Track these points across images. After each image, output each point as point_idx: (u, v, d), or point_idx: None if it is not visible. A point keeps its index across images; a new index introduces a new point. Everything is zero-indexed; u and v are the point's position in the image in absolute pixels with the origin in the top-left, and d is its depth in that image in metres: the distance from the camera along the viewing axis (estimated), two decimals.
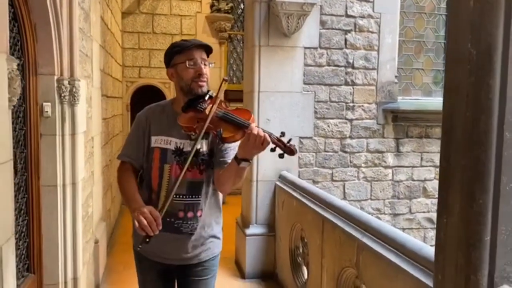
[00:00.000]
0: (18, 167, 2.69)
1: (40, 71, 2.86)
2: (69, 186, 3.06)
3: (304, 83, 4.26)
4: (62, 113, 2.97)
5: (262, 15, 4.07)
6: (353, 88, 4.40)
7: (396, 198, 4.61)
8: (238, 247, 4.51)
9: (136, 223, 1.65)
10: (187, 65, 1.81)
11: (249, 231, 4.19)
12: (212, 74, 6.97)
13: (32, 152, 2.85)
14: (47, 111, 2.90)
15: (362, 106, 4.44)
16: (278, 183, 4.15)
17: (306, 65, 4.24)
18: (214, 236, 1.97)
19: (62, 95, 2.95)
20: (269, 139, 1.67)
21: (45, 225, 2.95)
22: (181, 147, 1.85)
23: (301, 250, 3.59)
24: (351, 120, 4.43)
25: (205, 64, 1.84)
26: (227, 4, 7.33)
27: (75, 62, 3.04)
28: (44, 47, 2.83)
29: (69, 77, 3.00)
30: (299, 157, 4.30)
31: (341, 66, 4.35)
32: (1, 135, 1.57)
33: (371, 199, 4.56)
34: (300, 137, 4.29)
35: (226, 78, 1.89)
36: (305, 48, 4.22)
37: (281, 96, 4.18)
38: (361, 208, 4.53)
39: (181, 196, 1.83)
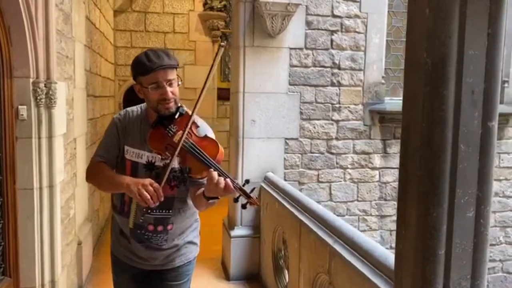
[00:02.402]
0: None
1: (15, 74, 2.84)
2: (46, 189, 3.04)
3: (290, 84, 4.23)
4: (38, 116, 2.96)
5: (247, 16, 4.04)
6: (339, 89, 4.36)
7: (383, 200, 4.58)
8: (224, 249, 4.50)
9: (137, 195, 1.64)
10: (150, 89, 1.74)
11: (234, 232, 4.18)
12: (205, 72, 6.86)
13: (7, 155, 2.84)
14: (22, 114, 2.88)
15: (349, 107, 4.41)
16: (263, 184, 4.13)
17: (291, 65, 4.21)
18: (190, 242, 1.99)
19: (38, 97, 2.93)
20: (230, 189, 1.61)
21: (21, 228, 2.94)
22: (153, 161, 1.83)
23: (283, 253, 3.57)
24: (337, 121, 4.40)
25: (170, 84, 1.75)
26: (220, 2, 7.29)
27: (52, 64, 3.02)
28: (18, 49, 2.81)
29: (45, 80, 2.98)
30: (284, 158, 4.28)
31: (327, 67, 4.31)
32: None
33: (357, 201, 4.53)
34: (286, 138, 4.27)
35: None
36: (291, 48, 4.19)
37: (266, 97, 4.15)
38: (348, 210, 4.51)
39: (151, 210, 1.82)
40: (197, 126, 1.85)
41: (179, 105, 1.81)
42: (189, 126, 1.70)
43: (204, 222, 6.41)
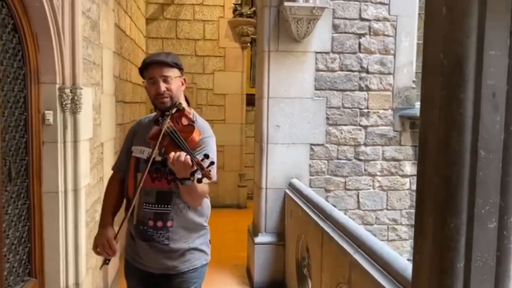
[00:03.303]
0: (18, 174, 2.76)
1: (42, 79, 2.92)
2: (70, 193, 3.10)
3: (316, 89, 4.16)
4: (63, 121, 3.02)
5: (272, 20, 4.01)
6: (367, 94, 4.25)
7: (414, 209, 4.40)
8: (248, 255, 4.46)
9: (95, 247, 1.89)
10: (147, 84, 1.89)
11: (258, 239, 4.13)
12: (234, 78, 6.99)
13: (34, 159, 2.91)
14: (48, 119, 2.95)
15: (378, 112, 4.28)
16: (287, 191, 4.07)
17: (317, 70, 4.14)
18: (195, 249, 1.99)
19: (64, 103, 2.99)
20: (188, 163, 1.63)
21: (46, 231, 3.01)
22: (153, 156, 1.87)
23: (306, 262, 3.49)
24: (365, 127, 4.29)
25: (165, 81, 1.85)
26: (249, 9, 7.29)
27: (78, 70, 3.08)
28: (45, 56, 2.89)
29: (71, 85, 3.05)
30: (310, 165, 4.20)
31: (355, 71, 4.21)
32: None
33: (387, 209, 4.39)
34: (311, 144, 4.19)
35: (179, 106, 1.89)
36: (317, 52, 4.12)
37: (291, 102, 4.10)
38: (376, 219, 4.38)
39: (150, 205, 1.89)
40: (192, 121, 1.90)
41: (178, 102, 1.89)
42: (169, 116, 1.80)
43: (231, 228, 6.41)
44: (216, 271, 4.50)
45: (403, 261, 1.92)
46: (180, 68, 1.95)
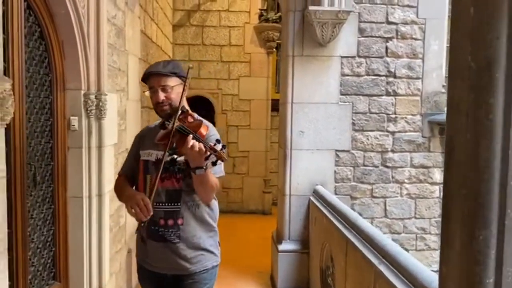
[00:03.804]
0: (43, 179, 2.81)
1: (67, 86, 2.97)
2: (95, 198, 3.14)
3: (341, 94, 4.08)
4: (88, 127, 3.07)
5: (296, 25, 3.97)
6: (395, 99, 4.14)
7: None
8: (272, 263, 4.41)
9: (129, 208, 1.82)
10: (148, 94, 1.98)
11: (281, 247, 4.07)
12: (259, 83, 6.96)
13: (59, 164, 2.96)
14: (74, 125, 3.00)
15: (405, 117, 4.17)
16: (311, 198, 4.00)
17: (343, 74, 4.07)
18: (205, 249, 2.03)
19: (89, 109, 3.04)
20: (195, 147, 1.71)
21: (71, 235, 3.05)
22: (161, 157, 1.92)
23: (331, 271, 3.41)
24: (393, 133, 4.17)
25: (164, 90, 1.92)
26: (275, 14, 7.28)
27: (102, 76, 3.12)
28: (71, 63, 2.94)
29: (96, 91, 3.09)
30: (335, 171, 4.12)
31: (382, 76, 4.11)
32: None
33: (415, 218, 4.25)
34: (337, 150, 4.11)
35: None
36: (342, 57, 4.05)
37: (316, 107, 4.04)
38: (404, 227, 4.25)
39: (160, 204, 1.93)
40: (199, 119, 1.97)
41: (182, 105, 1.93)
42: (178, 113, 1.86)
43: (256, 234, 6.37)
44: (239, 278, 4.47)
45: (429, 273, 1.83)
46: (179, 76, 1.99)
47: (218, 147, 1.74)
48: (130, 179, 2.10)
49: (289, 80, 4.01)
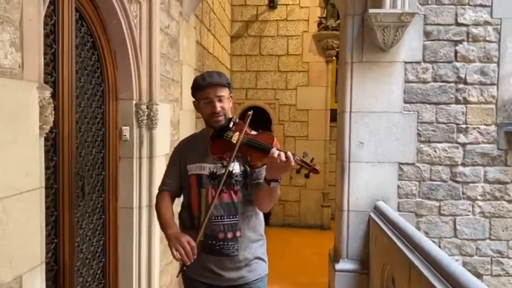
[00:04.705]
0: (94, 189, 2.80)
1: (120, 96, 2.97)
2: (145, 208, 3.10)
3: (405, 102, 3.78)
4: (140, 137, 3.05)
5: (355, 29, 3.74)
6: (465, 107, 3.77)
7: None
8: (329, 283, 4.15)
9: (174, 251, 1.77)
10: (202, 104, 1.94)
11: (338, 266, 3.81)
12: (318, 93, 6.77)
13: (110, 174, 2.95)
14: (125, 135, 2.99)
15: (478, 128, 3.77)
16: (372, 214, 3.71)
17: (407, 81, 3.76)
18: (259, 258, 2.03)
19: (140, 119, 3.02)
20: (292, 159, 1.71)
21: (121, 246, 3.02)
22: (215, 171, 1.94)
23: None
24: (463, 145, 3.79)
25: (220, 100, 1.91)
26: (335, 21, 7.05)
27: (154, 86, 3.10)
28: (123, 73, 2.94)
29: (147, 101, 3.07)
30: (398, 186, 3.81)
31: (451, 82, 3.76)
32: (29, 163, 1.58)
33: (490, 239, 3.81)
34: (400, 163, 3.80)
35: (250, 112, 1.94)
36: (406, 62, 3.75)
37: (376, 116, 3.76)
38: (477, 249, 3.82)
39: (219, 218, 1.92)
40: (260, 131, 1.96)
41: (231, 117, 1.95)
42: (246, 125, 1.85)
43: (313, 250, 6.10)
44: None
45: None
46: (230, 87, 2.01)
47: (307, 159, 1.75)
48: (174, 195, 2.07)
49: (347, 88, 3.78)
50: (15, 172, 1.50)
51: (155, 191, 3.11)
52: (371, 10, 3.53)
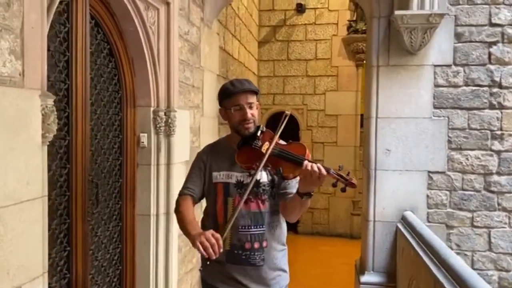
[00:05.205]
0: (111, 196, 2.79)
1: (138, 103, 2.96)
2: (162, 216, 3.07)
3: (434, 107, 3.59)
4: (157, 143, 3.03)
5: (381, 32, 3.60)
6: (501, 112, 3.54)
7: None
8: None
9: (199, 245, 1.68)
10: (232, 111, 1.89)
11: (364, 278, 3.65)
12: (347, 98, 6.62)
13: (128, 181, 2.94)
14: (143, 142, 2.97)
15: None
16: (399, 225, 3.54)
17: (436, 85, 3.58)
18: (281, 269, 2.00)
19: (158, 125, 3.00)
20: (324, 172, 1.67)
21: (138, 254, 3.00)
22: (242, 180, 1.92)
23: None
24: (498, 152, 3.56)
25: (250, 107, 1.89)
26: (365, 24, 6.86)
27: (172, 93, 3.08)
28: (141, 80, 2.93)
29: (165, 108, 3.04)
30: (427, 196, 3.62)
31: (484, 86, 3.55)
32: (30, 171, 1.56)
33: None
34: (429, 172, 3.61)
35: (288, 112, 1.91)
36: (435, 66, 3.57)
37: (404, 122, 3.60)
38: None
39: (246, 228, 1.90)
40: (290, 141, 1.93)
41: (259, 125, 1.92)
42: (277, 135, 1.82)
43: (341, 260, 5.93)
44: None
45: None
46: (258, 94, 1.99)
47: (343, 172, 1.71)
48: (195, 201, 2.02)
49: (373, 93, 3.64)
50: (14, 181, 1.48)
51: (173, 198, 3.09)
52: (397, 12, 3.38)
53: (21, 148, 1.50)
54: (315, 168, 1.67)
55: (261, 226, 1.91)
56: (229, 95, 1.89)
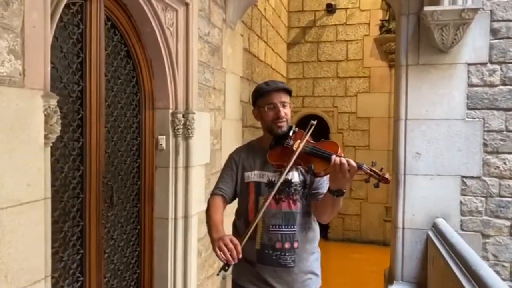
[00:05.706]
0: (129, 199, 2.77)
1: (156, 105, 2.93)
2: (181, 220, 3.02)
3: (468, 108, 3.38)
4: (175, 146, 2.99)
5: (411, 29, 3.43)
6: None
7: None
8: None
9: (217, 249, 1.72)
10: (266, 109, 1.92)
11: None
12: (380, 99, 6.42)
13: (146, 184, 2.92)
14: (161, 144, 2.94)
15: None
16: (430, 233, 3.34)
17: (470, 85, 3.37)
18: (312, 272, 1.99)
19: (176, 128, 2.96)
20: (354, 164, 1.64)
21: (156, 258, 2.97)
22: (273, 179, 1.92)
23: None
24: None
25: (284, 106, 1.91)
26: None
27: (191, 95, 3.03)
28: (160, 81, 2.90)
29: (184, 110, 3.00)
30: (461, 202, 3.40)
31: None
32: (31, 173, 1.53)
33: None
34: (463, 177, 3.39)
35: (314, 122, 1.91)
36: (469, 64, 3.36)
37: (435, 124, 3.41)
38: None
39: (277, 227, 1.90)
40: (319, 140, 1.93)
41: (291, 125, 1.94)
42: (308, 133, 1.84)
43: (372, 268, 5.72)
44: None
45: None
46: (291, 95, 2.01)
47: (376, 168, 1.68)
48: (226, 201, 2.04)
49: (402, 94, 3.47)
50: (13, 183, 1.45)
51: (191, 202, 3.06)
52: (426, 8, 3.20)
53: (20, 149, 1.48)
54: (344, 161, 1.64)
55: (292, 226, 1.91)
56: (263, 94, 1.92)
